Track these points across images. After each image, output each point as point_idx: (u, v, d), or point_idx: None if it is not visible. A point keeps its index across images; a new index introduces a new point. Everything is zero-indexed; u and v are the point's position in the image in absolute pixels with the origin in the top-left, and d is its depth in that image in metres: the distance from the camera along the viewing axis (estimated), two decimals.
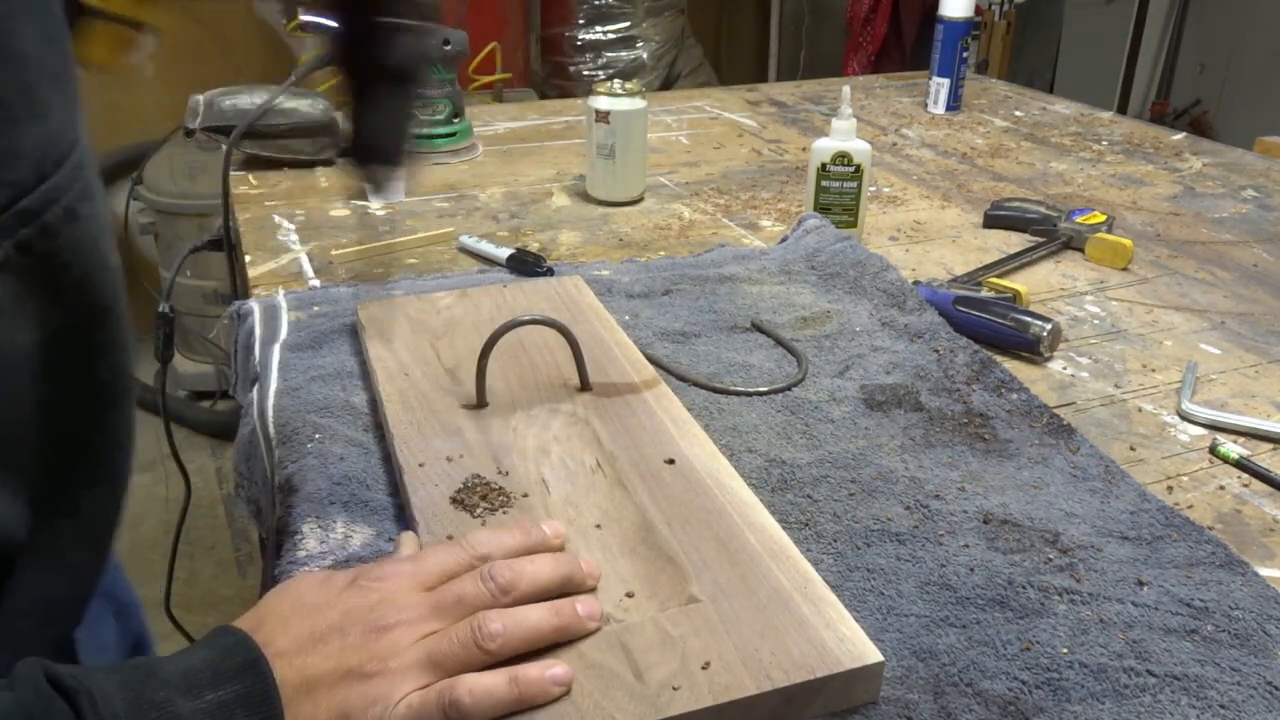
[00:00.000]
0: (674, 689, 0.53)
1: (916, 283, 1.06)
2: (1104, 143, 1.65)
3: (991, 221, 1.27)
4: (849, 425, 0.82)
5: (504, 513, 0.67)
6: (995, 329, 0.96)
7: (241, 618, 0.53)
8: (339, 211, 1.26)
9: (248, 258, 1.13)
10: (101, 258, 0.51)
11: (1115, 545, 0.69)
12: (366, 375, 0.86)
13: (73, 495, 0.53)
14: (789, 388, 0.87)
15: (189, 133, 1.31)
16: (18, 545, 0.49)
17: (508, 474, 0.70)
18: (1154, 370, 0.94)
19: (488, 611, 0.53)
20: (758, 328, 0.97)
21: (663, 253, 1.17)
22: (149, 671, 0.47)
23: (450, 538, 0.63)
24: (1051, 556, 0.68)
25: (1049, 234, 1.21)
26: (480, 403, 0.78)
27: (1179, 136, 1.69)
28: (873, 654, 0.56)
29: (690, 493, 0.69)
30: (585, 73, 3.29)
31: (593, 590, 0.59)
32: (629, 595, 0.59)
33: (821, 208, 1.19)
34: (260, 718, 0.47)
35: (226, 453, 2.57)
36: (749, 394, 0.86)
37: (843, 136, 1.16)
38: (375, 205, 1.28)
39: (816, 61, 3.88)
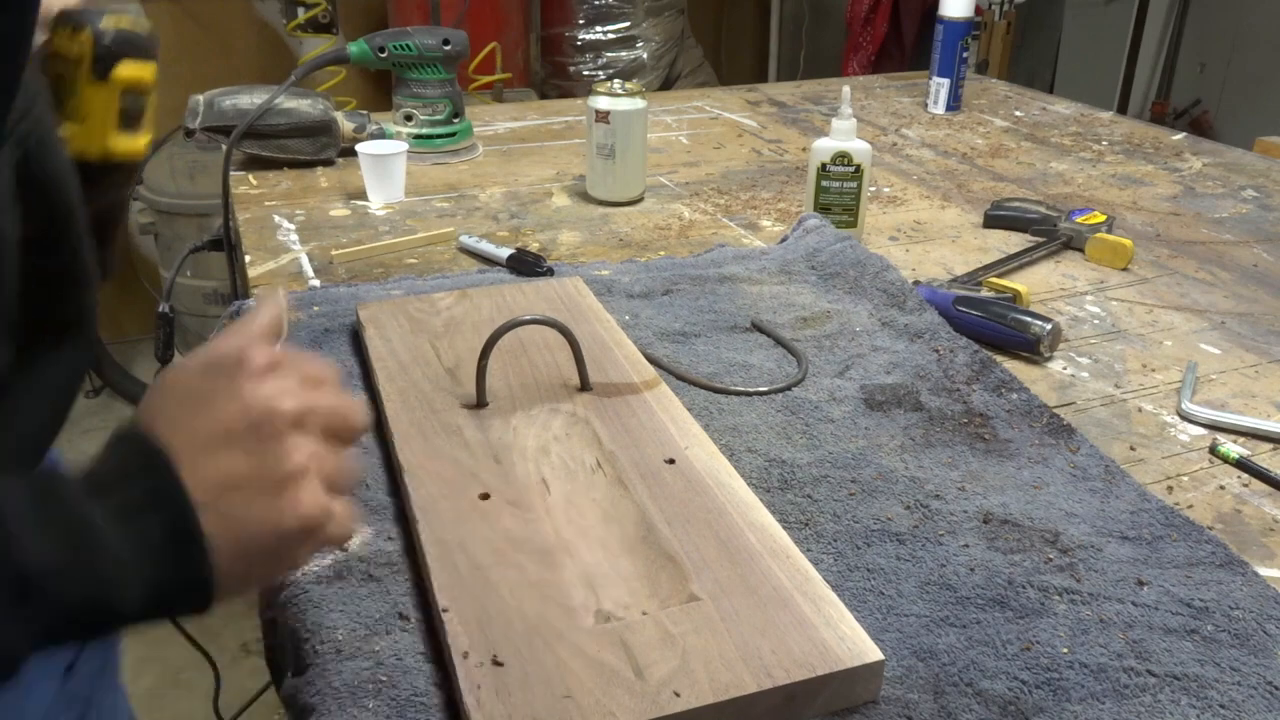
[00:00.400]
0: (674, 687, 0.53)
1: (916, 283, 1.06)
2: (1104, 143, 1.65)
3: (991, 221, 1.27)
4: (849, 425, 0.83)
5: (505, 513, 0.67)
6: (995, 329, 0.96)
7: (140, 411, 0.52)
8: (339, 211, 1.26)
9: (248, 258, 1.13)
10: (67, 174, 0.63)
11: (1115, 545, 0.69)
12: (366, 375, 0.86)
13: (42, 353, 0.63)
14: (789, 388, 0.87)
15: (189, 133, 1.31)
16: (3, 381, 0.59)
17: (508, 474, 0.70)
18: (1154, 370, 0.95)
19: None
20: (758, 327, 0.97)
21: (663, 253, 1.17)
22: (52, 481, 0.47)
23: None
24: (1051, 556, 0.68)
25: (1049, 234, 1.21)
26: (480, 402, 0.78)
27: (1179, 136, 1.69)
28: (873, 652, 0.56)
29: (690, 492, 0.69)
30: (585, 73, 3.29)
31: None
32: (644, 614, 0.59)
33: (821, 208, 1.19)
34: (170, 515, 0.47)
35: None
36: (749, 394, 0.86)
37: (843, 136, 1.16)
38: (376, 205, 1.28)
39: (816, 61, 3.88)
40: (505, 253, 1.11)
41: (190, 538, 0.48)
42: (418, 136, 1.45)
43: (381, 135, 1.41)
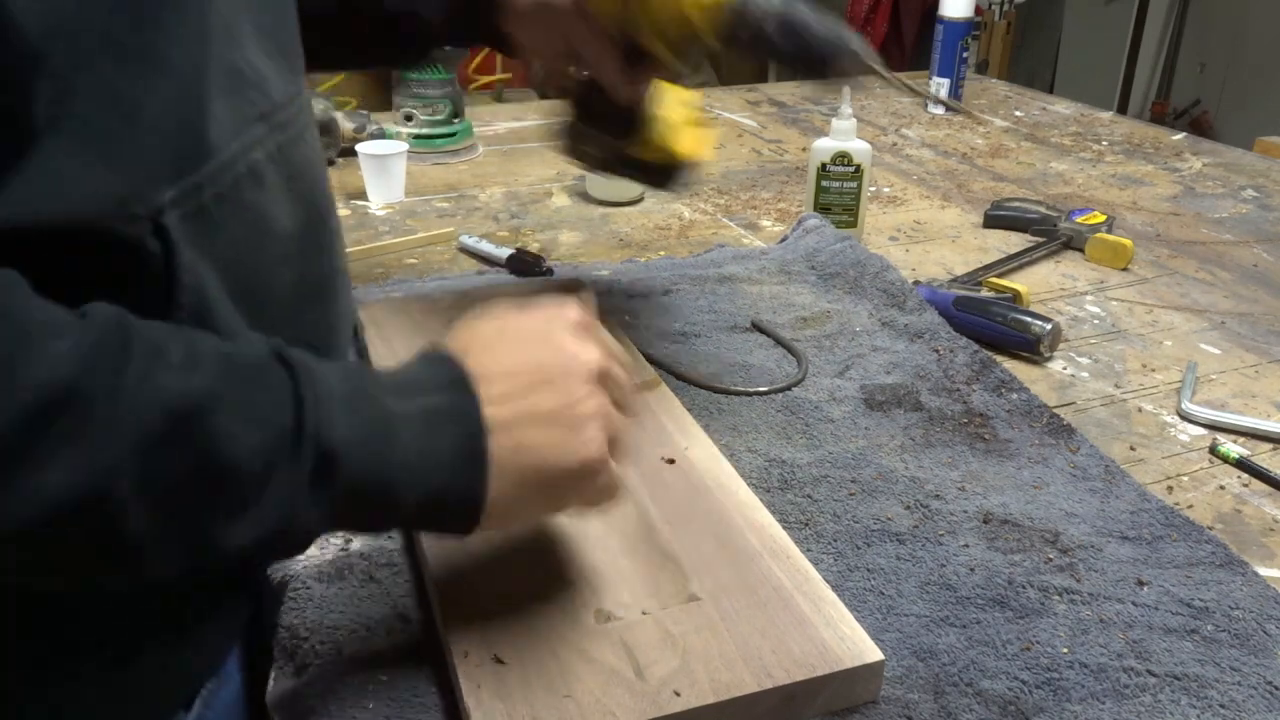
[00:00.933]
0: (674, 687, 0.53)
1: (916, 283, 1.06)
2: (1104, 143, 1.65)
3: (991, 221, 1.27)
4: (849, 425, 0.83)
5: None
6: (995, 329, 0.96)
7: (448, 338, 0.56)
8: (339, 211, 1.26)
9: None
10: (320, 178, 0.64)
11: (1115, 545, 0.69)
12: None
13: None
14: (789, 388, 0.87)
15: None
16: None
17: None
18: (1154, 370, 0.95)
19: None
20: (758, 327, 0.97)
21: (663, 253, 1.17)
22: (364, 375, 0.51)
23: None
24: (1051, 556, 0.68)
25: (1049, 234, 1.21)
26: None
27: (1179, 136, 1.69)
28: (873, 652, 0.56)
29: (690, 492, 0.69)
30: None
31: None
32: (645, 613, 0.59)
33: (821, 208, 1.19)
34: (464, 432, 0.51)
35: None
36: (749, 394, 0.86)
37: (843, 136, 1.16)
38: (376, 205, 1.28)
39: None
40: (505, 253, 1.11)
41: (475, 457, 0.51)
42: (418, 136, 1.45)
43: (381, 135, 1.41)
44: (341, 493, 0.47)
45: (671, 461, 0.72)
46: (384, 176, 1.28)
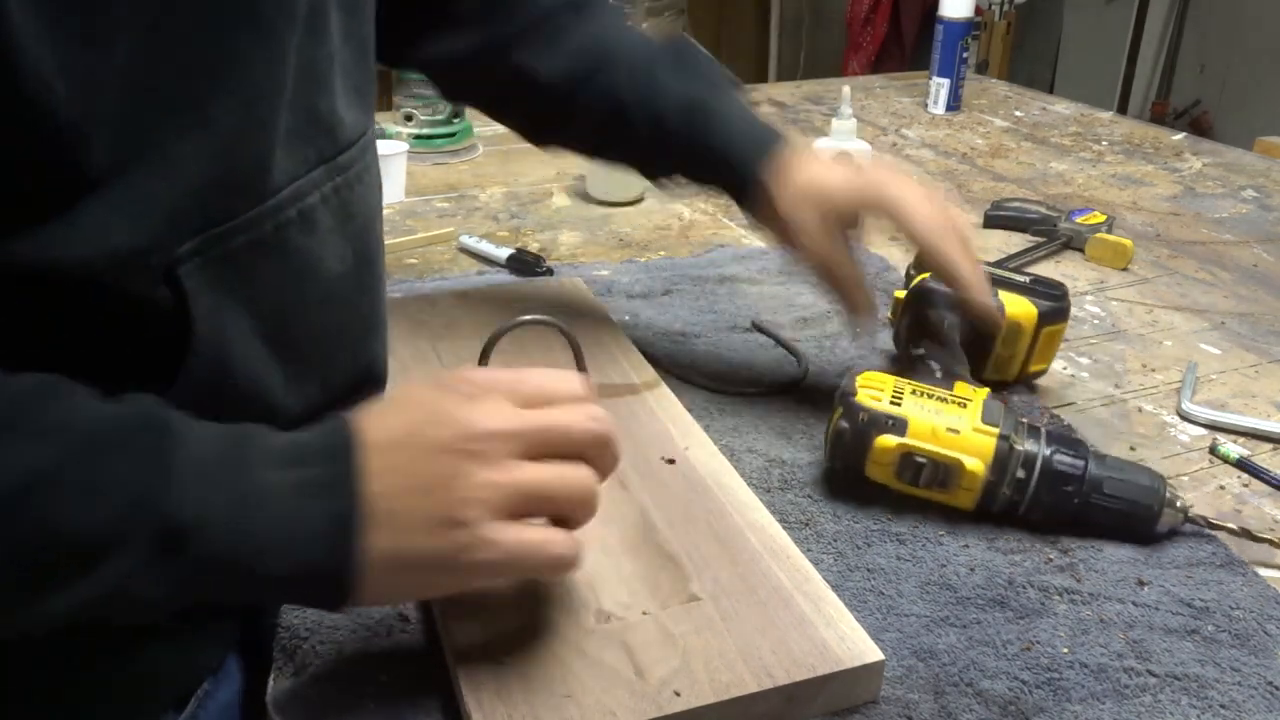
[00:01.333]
0: (675, 687, 0.53)
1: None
2: (1104, 143, 1.65)
3: (991, 221, 1.27)
4: None
5: None
6: None
7: (353, 412, 0.52)
8: None
9: None
10: (374, 218, 0.63)
11: (1115, 545, 0.69)
12: None
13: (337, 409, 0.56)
14: (790, 387, 0.87)
15: None
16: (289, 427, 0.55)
17: None
18: (1154, 370, 0.95)
19: (587, 484, 0.53)
20: (758, 328, 0.97)
21: (663, 253, 1.17)
22: (246, 440, 0.48)
23: None
24: (1051, 556, 0.68)
25: (1049, 234, 1.21)
26: None
27: (1179, 136, 1.69)
28: (873, 652, 0.56)
29: (690, 492, 0.69)
30: None
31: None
32: (645, 614, 0.59)
33: None
34: (336, 507, 0.47)
35: None
36: (749, 394, 0.86)
37: (843, 137, 1.16)
38: None
39: (816, 61, 3.88)
40: (505, 253, 1.11)
41: (344, 533, 0.47)
42: (418, 136, 1.45)
43: (381, 135, 1.41)
44: (190, 568, 0.45)
45: (671, 461, 0.72)
46: (384, 177, 1.28)
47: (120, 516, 0.43)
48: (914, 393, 0.71)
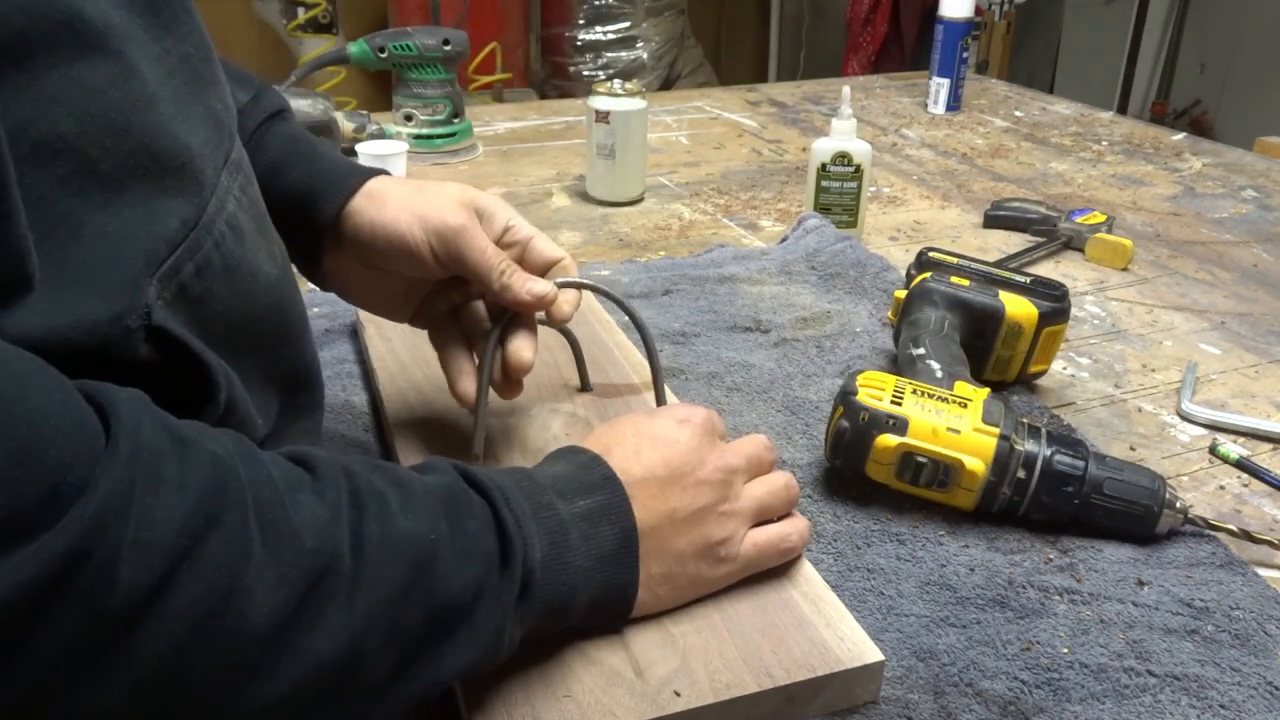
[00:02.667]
0: (675, 687, 0.53)
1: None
2: (1104, 143, 1.65)
3: (991, 222, 1.27)
4: None
5: None
6: None
7: (586, 440, 0.59)
8: None
9: None
10: (265, 209, 0.58)
11: (1115, 545, 0.69)
12: (366, 375, 0.86)
13: (287, 417, 0.59)
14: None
15: None
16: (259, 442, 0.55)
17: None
18: (1154, 370, 0.95)
19: (791, 480, 0.63)
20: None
21: (663, 253, 1.17)
22: (530, 477, 0.54)
23: None
24: (1051, 556, 0.68)
25: (1049, 234, 1.21)
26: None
27: (1179, 136, 1.69)
28: (873, 653, 0.56)
29: None
30: (585, 73, 3.29)
31: None
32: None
33: (821, 208, 1.19)
34: (619, 527, 0.54)
35: None
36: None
37: (843, 136, 1.16)
38: None
39: (816, 61, 3.88)
40: None
41: (629, 551, 0.54)
42: (418, 136, 1.45)
43: (381, 135, 1.41)
44: (538, 606, 0.50)
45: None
46: None
47: (488, 568, 0.47)
48: (914, 392, 0.71)
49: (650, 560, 0.55)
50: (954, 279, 0.87)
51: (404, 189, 0.67)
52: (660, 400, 0.74)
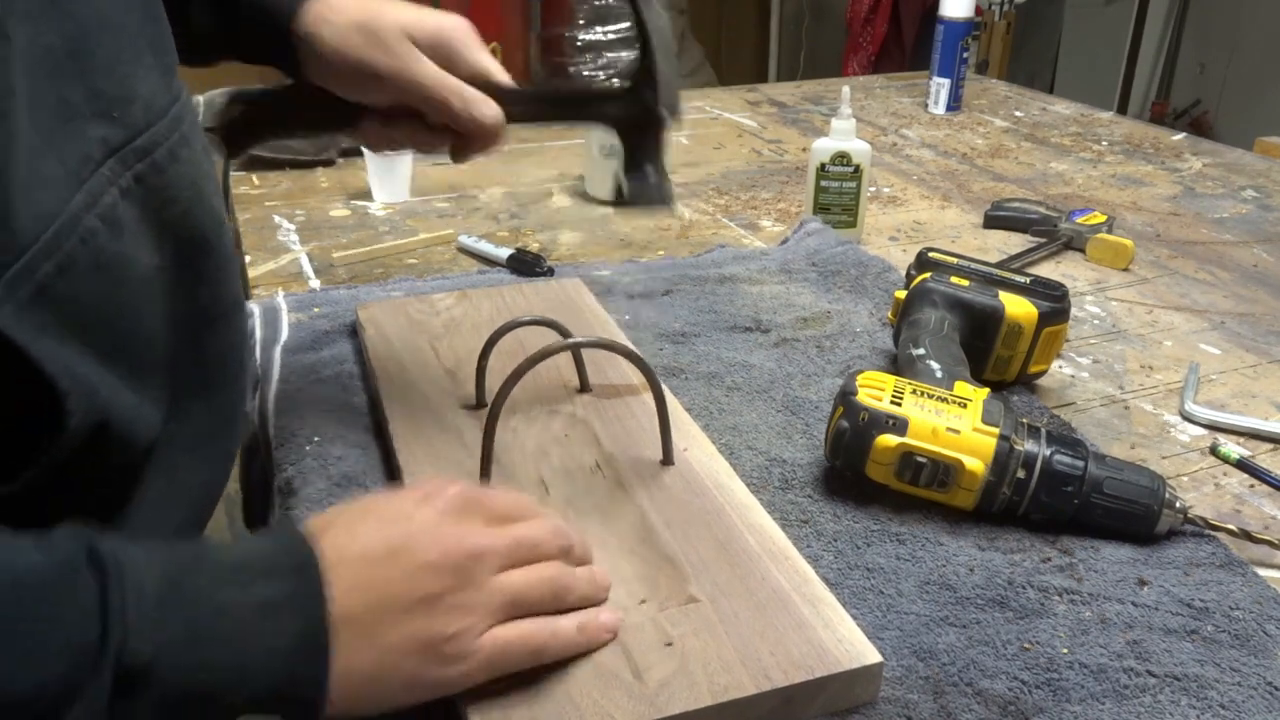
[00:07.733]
0: (673, 688, 0.53)
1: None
2: (1104, 143, 1.65)
3: (991, 222, 1.27)
4: None
5: None
6: None
7: (314, 517, 0.52)
8: (339, 212, 1.26)
9: (248, 258, 1.13)
10: (201, 196, 0.57)
11: (1115, 545, 0.69)
12: (366, 376, 0.86)
13: (188, 403, 0.57)
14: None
15: None
16: (154, 440, 0.55)
17: (507, 475, 0.70)
18: (1154, 370, 0.94)
19: (567, 572, 0.56)
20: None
21: (663, 253, 1.17)
22: (197, 560, 0.47)
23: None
24: (1051, 556, 0.68)
25: (1049, 234, 1.21)
26: (480, 403, 0.78)
27: (1179, 137, 1.69)
28: (871, 654, 0.56)
29: (689, 493, 0.68)
30: (585, 73, 3.29)
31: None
32: (642, 602, 0.59)
33: (821, 208, 1.19)
34: (303, 619, 0.47)
35: None
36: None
37: (842, 136, 1.16)
38: (381, 204, 1.28)
39: (816, 61, 3.88)
40: (505, 253, 1.11)
41: (315, 652, 0.47)
42: None
43: None
44: (154, 702, 0.43)
45: (671, 462, 0.72)
46: (390, 175, 1.28)
47: (79, 660, 0.41)
48: (914, 392, 0.71)
49: (352, 653, 0.47)
50: (954, 279, 0.87)
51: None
52: (667, 455, 0.72)
